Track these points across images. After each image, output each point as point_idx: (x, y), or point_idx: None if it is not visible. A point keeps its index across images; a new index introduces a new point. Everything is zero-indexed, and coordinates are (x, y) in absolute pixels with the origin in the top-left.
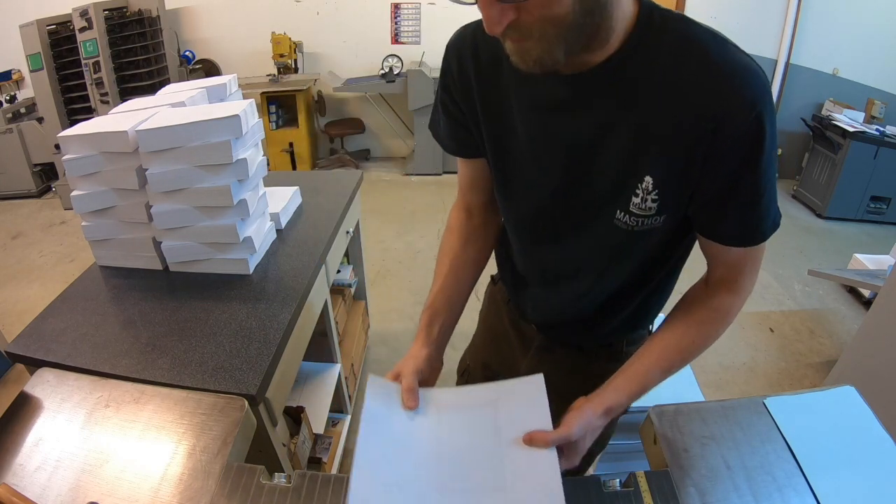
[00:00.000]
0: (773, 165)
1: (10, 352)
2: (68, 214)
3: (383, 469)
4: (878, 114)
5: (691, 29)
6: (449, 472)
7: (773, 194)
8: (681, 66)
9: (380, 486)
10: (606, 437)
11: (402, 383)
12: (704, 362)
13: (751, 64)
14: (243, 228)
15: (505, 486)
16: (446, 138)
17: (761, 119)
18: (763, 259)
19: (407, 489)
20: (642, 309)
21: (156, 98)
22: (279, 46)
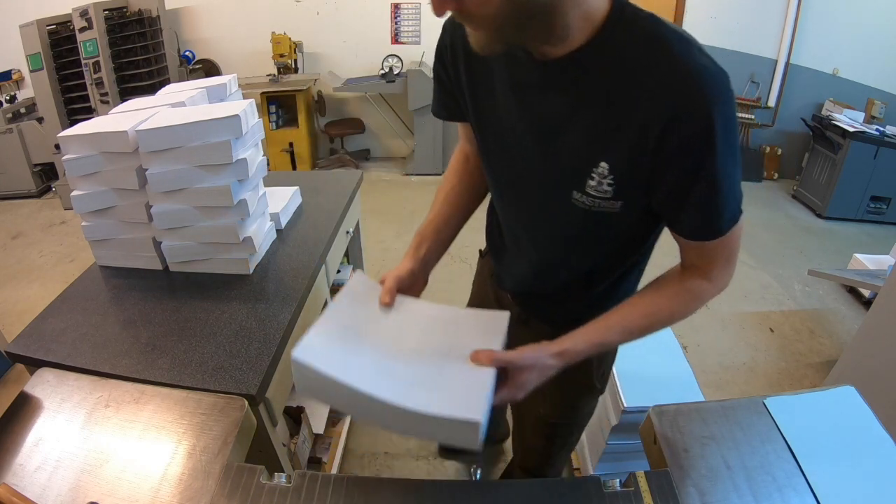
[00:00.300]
0: (729, 164)
1: (10, 352)
2: (68, 214)
3: (338, 337)
4: (878, 114)
5: (658, 28)
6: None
7: (731, 191)
8: (642, 63)
9: (328, 346)
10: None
11: (384, 284)
12: (704, 362)
13: (710, 66)
14: (243, 228)
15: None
16: (436, 104)
17: (713, 120)
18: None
19: (349, 360)
20: (612, 292)
21: (156, 98)
22: (279, 46)
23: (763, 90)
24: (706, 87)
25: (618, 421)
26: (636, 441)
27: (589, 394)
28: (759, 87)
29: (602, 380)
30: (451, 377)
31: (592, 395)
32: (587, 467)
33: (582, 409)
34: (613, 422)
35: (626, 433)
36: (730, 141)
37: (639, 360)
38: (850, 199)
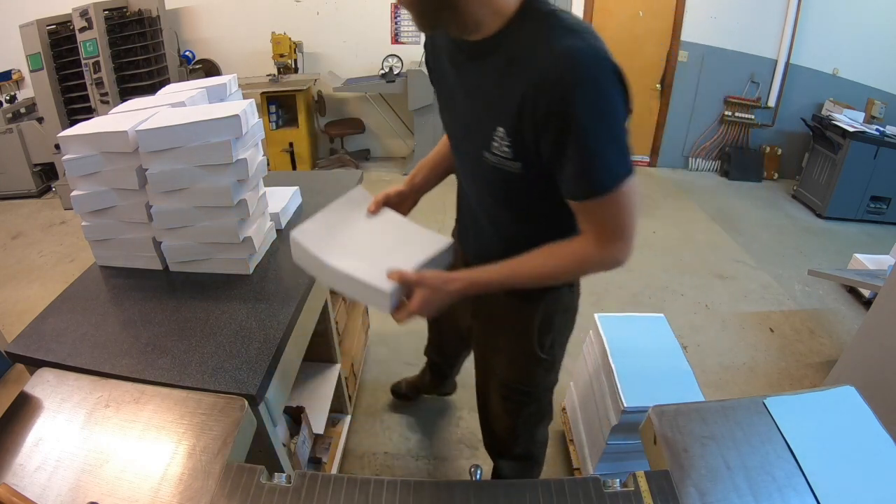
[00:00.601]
0: (597, 131)
1: (10, 352)
2: (68, 214)
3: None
4: (878, 114)
5: (551, 20)
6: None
7: (601, 156)
8: (529, 47)
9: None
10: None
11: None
12: (704, 362)
13: (581, 48)
14: (243, 228)
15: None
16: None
17: (573, 95)
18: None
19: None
20: None
21: (156, 98)
22: (279, 46)
23: (763, 90)
24: (569, 64)
25: (618, 421)
26: (636, 441)
27: (537, 363)
28: (759, 87)
29: (547, 351)
30: (384, 264)
31: (541, 366)
32: (587, 467)
33: (535, 379)
34: (613, 422)
35: (626, 433)
36: (596, 110)
37: (639, 360)
38: (850, 199)
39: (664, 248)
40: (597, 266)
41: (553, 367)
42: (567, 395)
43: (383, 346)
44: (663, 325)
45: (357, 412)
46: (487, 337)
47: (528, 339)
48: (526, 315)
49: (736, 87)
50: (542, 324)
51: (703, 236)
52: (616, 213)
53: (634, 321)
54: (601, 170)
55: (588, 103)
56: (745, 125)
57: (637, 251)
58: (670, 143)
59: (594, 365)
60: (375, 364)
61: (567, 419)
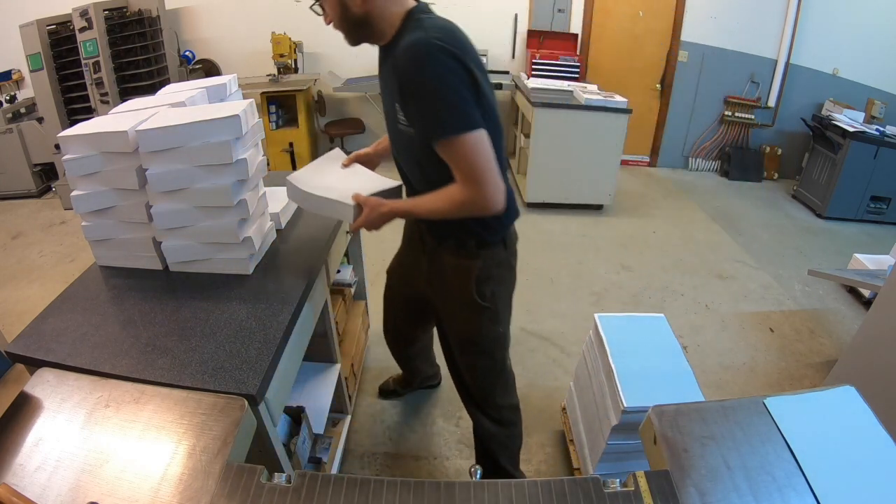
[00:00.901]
0: (432, 97)
1: (10, 352)
2: (68, 214)
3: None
4: (878, 114)
5: (415, 24)
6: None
7: (440, 112)
8: (399, 45)
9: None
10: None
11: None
12: (704, 362)
13: (418, 39)
14: (243, 228)
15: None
16: None
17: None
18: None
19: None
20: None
21: (156, 98)
22: (279, 46)
23: (763, 90)
24: (409, 51)
25: (618, 421)
26: (636, 441)
27: (480, 311)
28: (759, 87)
29: (489, 300)
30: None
31: (484, 315)
32: (587, 467)
33: (481, 330)
34: (613, 422)
35: (626, 433)
36: (426, 79)
37: (639, 360)
38: (850, 199)
39: (664, 248)
40: (467, 205)
41: (497, 318)
42: (567, 395)
43: (383, 346)
44: (663, 325)
45: (357, 412)
46: (439, 298)
47: (469, 290)
48: (466, 268)
49: (736, 87)
50: (480, 274)
51: (703, 236)
52: (462, 158)
53: (634, 321)
54: (435, 121)
55: (419, 75)
56: (745, 125)
57: (637, 251)
58: (670, 143)
59: (594, 365)
60: (375, 364)
61: (567, 419)
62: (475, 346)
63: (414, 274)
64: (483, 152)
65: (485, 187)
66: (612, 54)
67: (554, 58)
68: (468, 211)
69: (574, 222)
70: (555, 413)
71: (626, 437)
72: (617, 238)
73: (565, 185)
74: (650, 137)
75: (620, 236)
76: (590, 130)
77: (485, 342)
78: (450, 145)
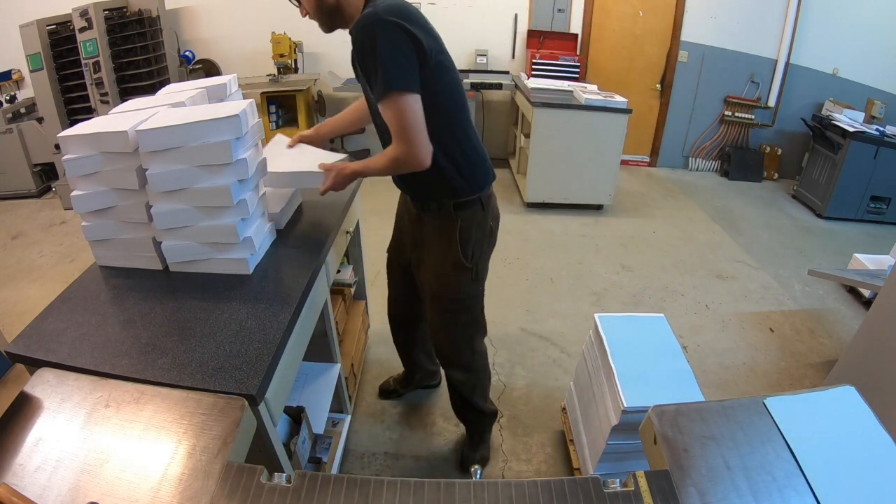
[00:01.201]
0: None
1: (10, 352)
2: (68, 214)
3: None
4: (878, 114)
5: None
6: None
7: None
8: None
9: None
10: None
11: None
12: (704, 362)
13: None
14: (243, 228)
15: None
16: None
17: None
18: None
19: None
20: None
21: (156, 98)
22: (279, 46)
23: (763, 90)
24: (360, 23)
25: (618, 421)
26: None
27: (463, 271)
28: (759, 87)
29: (469, 258)
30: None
31: (465, 273)
32: (587, 467)
33: (463, 288)
34: (613, 422)
35: (626, 433)
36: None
37: (639, 360)
38: (850, 199)
39: (664, 248)
40: (399, 162)
41: (478, 277)
42: (567, 395)
43: (383, 347)
44: (663, 325)
45: (357, 412)
46: (420, 261)
47: (454, 250)
48: (448, 230)
49: (736, 87)
50: (461, 235)
51: (703, 236)
52: (395, 117)
53: (634, 321)
54: (379, 83)
55: (362, 44)
56: (745, 125)
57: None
58: (670, 143)
59: (594, 365)
60: (375, 364)
61: (567, 419)
62: (457, 304)
63: (406, 244)
64: (413, 114)
65: (412, 146)
66: (612, 54)
67: (554, 58)
68: (401, 166)
69: (574, 222)
70: (555, 413)
71: (626, 437)
72: (617, 238)
73: (565, 185)
74: (650, 137)
75: (620, 236)
76: (590, 130)
77: (467, 300)
78: (385, 105)
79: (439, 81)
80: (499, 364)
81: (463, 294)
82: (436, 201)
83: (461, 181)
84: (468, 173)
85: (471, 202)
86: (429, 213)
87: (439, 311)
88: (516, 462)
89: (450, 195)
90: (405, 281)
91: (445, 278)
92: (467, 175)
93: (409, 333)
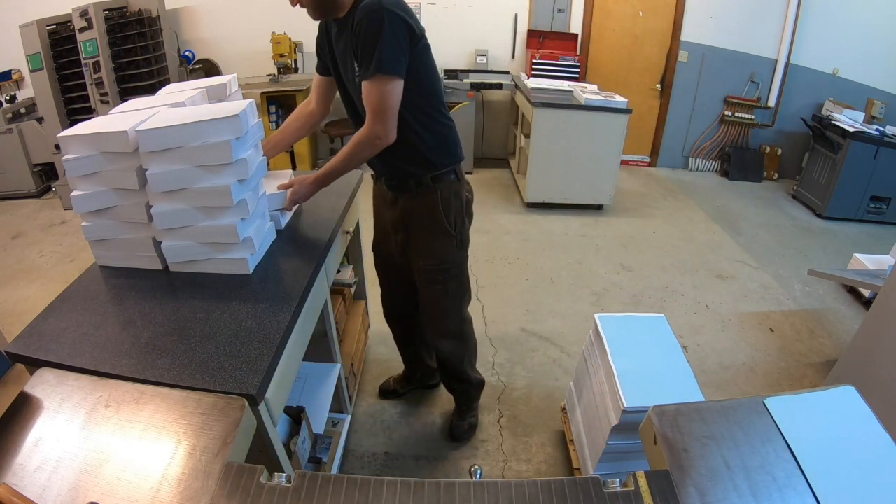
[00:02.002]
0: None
1: (10, 352)
2: (68, 214)
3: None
4: (878, 114)
5: None
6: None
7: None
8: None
9: None
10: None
11: None
12: (704, 362)
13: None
14: (243, 228)
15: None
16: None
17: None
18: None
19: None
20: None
21: (156, 98)
22: (279, 46)
23: (763, 90)
24: (367, 9)
25: (618, 421)
26: (636, 441)
27: (449, 239)
28: (759, 87)
29: (453, 227)
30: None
31: (450, 241)
32: (587, 467)
33: (450, 256)
34: (613, 422)
35: (626, 433)
36: (371, 32)
37: (639, 360)
38: (850, 199)
39: (664, 248)
40: (366, 142)
41: (462, 245)
42: (567, 395)
43: (383, 347)
44: (663, 325)
45: (357, 412)
46: (407, 240)
47: (438, 220)
48: (431, 201)
49: (736, 87)
50: (443, 205)
51: (703, 236)
52: (378, 95)
53: (634, 321)
54: (373, 63)
55: (366, 28)
56: (745, 125)
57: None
58: (670, 143)
59: (594, 365)
60: (375, 364)
61: (567, 419)
62: (447, 273)
63: (388, 235)
64: (395, 96)
65: (386, 124)
66: (612, 54)
67: (554, 58)
68: (366, 148)
69: (574, 222)
70: (555, 413)
71: (626, 437)
72: (617, 238)
73: (565, 185)
74: (650, 137)
75: (620, 236)
76: (590, 130)
77: (454, 268)
78: (372, 82)
79: (423, 62)
80: (499, 364)
81: (450, 262)
82: (414, 178)
83: (438, 154)
84: (444, 146)
85: (447, 173)
86: (407, 191)
87: (429, 283)
88: (516, 462)
89: (428, 168)
90: (396, 276)
91: (432, 251)
92: (444, 148)
93: (407, 329)
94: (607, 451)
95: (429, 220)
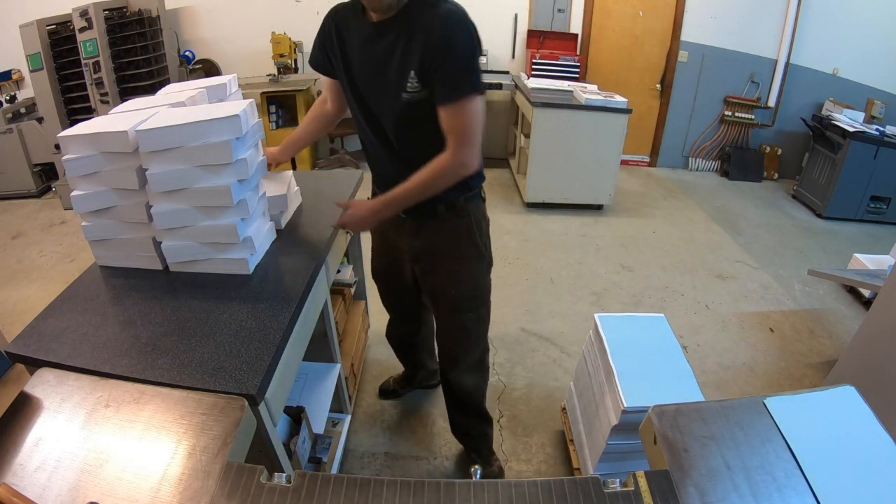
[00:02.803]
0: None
1: (10, 352)
2: (68, 214)
3: None
4: (878, 114)
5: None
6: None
7: (465, 79)
8: (420, 16)
9: None
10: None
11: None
12: (704, 362)
13: (453, 10)
14: (243, 228)
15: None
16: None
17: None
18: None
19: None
20: None
21: (156, 98)
22: (279, 46)
23: (763, 90)
24: (447, 23)
25: (618, 421)
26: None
27: (480, 261)
28: (759, 87)
29: (485, 248)
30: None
31: (482, 263)
32: (587, 467)
33: (481, 281)
34: (613, 422)
35: (626, 433)
36: (459, 47)
37: (639, 360)
38: (850, 199)
39: (664, 248)
40: (451, 171)
41: (490, 266)
42: (567, 395)
43: (383, 347)
44: (663, 325)
45: (357, 412)
46: (433, 269)
47: (473, 243)
48: (464, 226)
49: (736, 87)
50: (475, 227)
51: (703, 236)
52: (465, 120)
53: (634, 321)
54: (460, 87)
55: (455, 41)
56: (745, 125)
57: (637, 251)
58: (670, 143)
59: (594, 365)
60: (375, 364)
61: (567, 419)
62: (476, 300)
63: (400, 264)
64: (482, 117)
65: (473, 149)
66: (612, 54)
67: (554, 58)
68: (451, 178)
69: (574, 222)
70: (555, 413)
71: (626, 437)
72: (617, 238)
73: (565, 185)
74: (650, 137)
75: (620, 236)
76: (590, 130)
77: (486, 293)
78: (460, 105)
79: None
80: (499, 364)
81: (482, 287)
82: (444, 203)
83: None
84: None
85: (476, 195)
86: (436, 218)
87: (458, 312)
88: (516, 462)
89: (463, 190)
90: (403, 304)
91: (465, 277)
92: None
93: (411, 344)
94: (607, 451)
95: (460, 246)
